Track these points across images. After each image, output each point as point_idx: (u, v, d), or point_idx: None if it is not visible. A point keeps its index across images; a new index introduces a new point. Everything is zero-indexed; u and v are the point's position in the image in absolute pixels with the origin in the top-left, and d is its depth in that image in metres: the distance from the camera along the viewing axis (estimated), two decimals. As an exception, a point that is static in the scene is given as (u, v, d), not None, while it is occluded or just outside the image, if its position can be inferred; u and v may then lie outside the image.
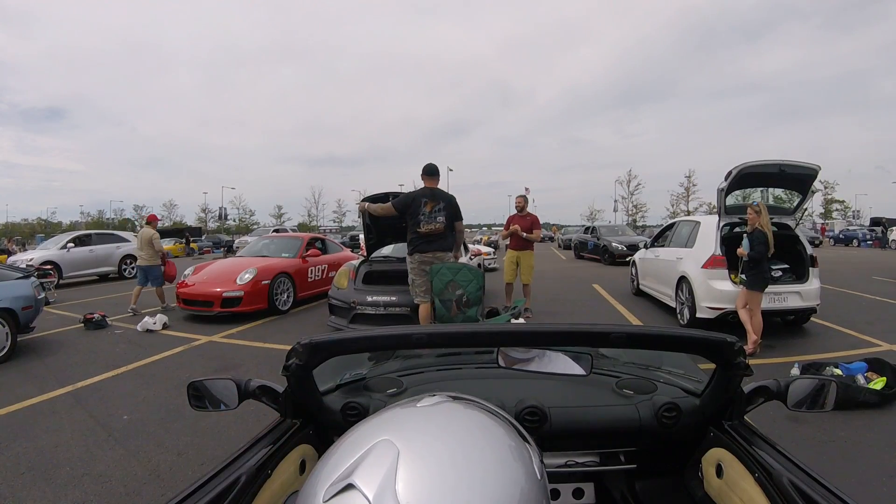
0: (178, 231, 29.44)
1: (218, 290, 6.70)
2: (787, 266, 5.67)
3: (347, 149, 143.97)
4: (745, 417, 1.06)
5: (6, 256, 14.49)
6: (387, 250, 7.00)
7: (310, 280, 8.06)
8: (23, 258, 11.26)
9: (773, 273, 5.27)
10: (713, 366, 1.00)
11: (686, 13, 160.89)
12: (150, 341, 5.59)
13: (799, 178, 5.47)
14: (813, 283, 5.36)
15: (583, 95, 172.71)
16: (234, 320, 6.56)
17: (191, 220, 55.56)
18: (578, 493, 1.15)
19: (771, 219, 4.88)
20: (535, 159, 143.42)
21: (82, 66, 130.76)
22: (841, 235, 30.61)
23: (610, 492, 1.17)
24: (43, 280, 7.26)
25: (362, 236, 7.18)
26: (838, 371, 3.66)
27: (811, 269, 5.43)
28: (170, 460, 2.72)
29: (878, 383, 3.45)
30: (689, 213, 47.07)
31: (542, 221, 7.67)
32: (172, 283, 7.78)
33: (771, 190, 6.38)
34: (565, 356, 0.98)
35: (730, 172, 5.29)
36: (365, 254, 6.71)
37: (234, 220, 57.95)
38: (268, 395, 1.10)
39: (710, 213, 7.49)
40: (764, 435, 0.99)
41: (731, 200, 5.70)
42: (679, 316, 6.04)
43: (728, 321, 5.11)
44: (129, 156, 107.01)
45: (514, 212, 7.04)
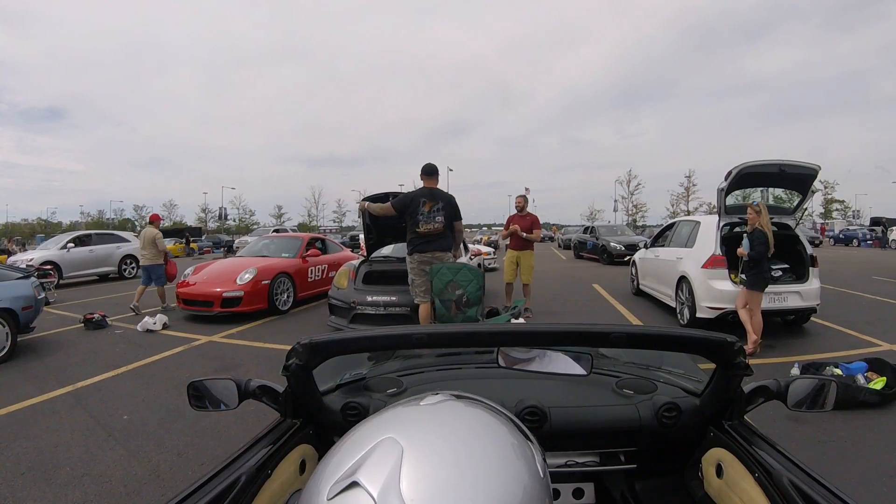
0: (179, 231, 29.47)
1: (218, 290, 6.70)
2: (787, 266, 5.67)
3: (347, 149, 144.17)
4: (745, 417, 1.06)
5: (6, 256, 14.50)
6: (387, 250, 7.00)
7: (310, 280, 8.06)
8: (23, 258, 11.26)
9: (773, 273, 5.27)
10: (713, 366, 1.00)
11: (686, 13, 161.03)
12: (150, 341, 5.59)
13: (799, 178, 5.48)
14: (813, 283, 5.37)
15: (583, 95, 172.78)
16: (234, 320, 6.56)
17: (191, 220, 55.68)
18: (578, 493, 1.14)
19: (771, 219, 4.87)
20: (535, 159, 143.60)
21: (82, 66, 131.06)
22: (841, 235, 30.60)
23: (610, 492, 1.17)
24: (43, 280, 7.26)
25: (362, 236, 7.18)
26: (838, 371, 3.66)
27: (811, 268, 5.43)
28: (170, 460, 2.72)
29: (878, 383, 3.45)
30: (689, 213, 47.08)
31: (542, 221, 7.67)
32: (172, 283, 7.80)
33: (771, 190, 6.37)
34: (565, 356, 0.98)
35: (730, 172, 5.29)
36: (365, 254, 6.71)
37: (234, 220, 58.00)
38: (268, 395, 1.10)
39: (710, 213, 7.49)
40: (764, 435, 0.99)
41: (731, 200, 5.70)
42: (679, 316, 6.04)
43: (728, 321, 5.11)
44: (129, 156, 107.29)
45: (513, 212, 7.05)
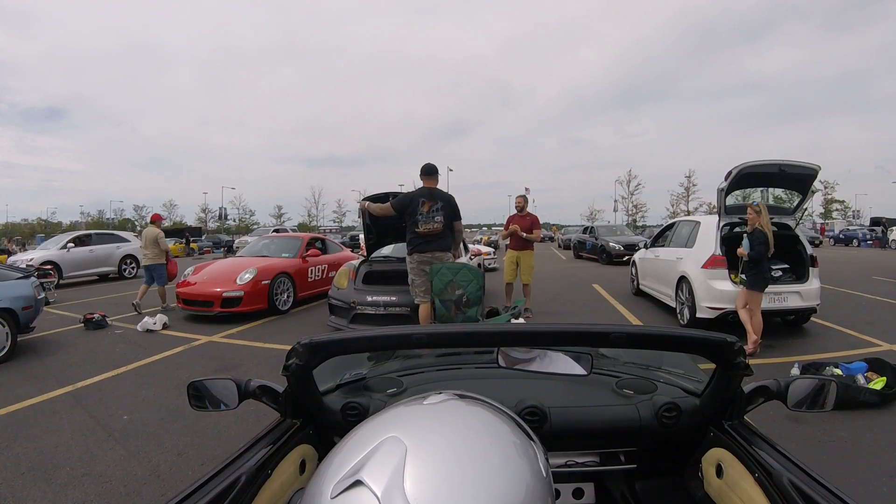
0: (179, 231, 29.47)
1: (218, 290, 6.70)
2: (787, 266, 5.67)
3: (347, 149, 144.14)
4: (745, 417, 1.06)
5: (6, 256, 14.50)
6: (387, 250, 7.00)
7: (310, 280, 8.06)
8: (23, 258, 11.27)
9: (773, 273, 5.27)
10: (713, 366, 1.00)
11: (686, 13, 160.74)
12: (150, 341, 5.59)
13: (799, 178, 5.48)
14: (813, 283, 5.37)
15: (583, 95, 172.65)
16: (234, 320, 6.56)
17: (191, 220, 55.66)
18: (578, 493, 1.14)
19: (771, 219, 4.87)
20: (535, 159, 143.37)
21: (82, 66, 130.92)
22: (841, 235, 30.59)
23: (610, 492, 1.17)
24: (43, 280, 7.27)
25: (362, 236, 7.18)
26: (838, 371, 3.66)
27: (811, 269, 5.43)
28: (170, 460, 2.72)
29: (878, 383, 3.45)
30: (689, 213, 47.09)
31: (542, 221, 7.67)
32: (172, 283, 7.80)
33: (771, 190, 6.38)
34: (565, 356, 0.98)
35: (730, 172, 5.29)
36: (365, 254, 6.71)
37: (234, 220, 57.99)
38: (268, 395, 1.10)
39: (710, 213, 7.49)
40: (764, 435, 0.99)
41: (731, 200, 5.70)
42: (679, 316, 6.04)
43: (728, 321, 5.11)
44: (129, 156, 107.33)
45: (513, 212, 7.05)
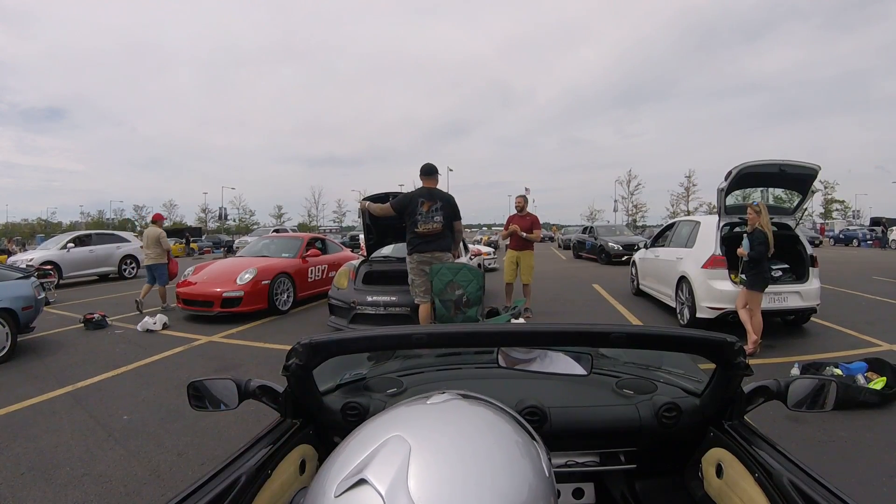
0: (179, 231, 29.48)
1: (218, 290, 6.70)
2: (787, 266, 5.67)
3: (347, 149, 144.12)
4: (745, 417, 1.06)
5: (6, 256, 14.50)
6: (387, 250, 7.00)
7: (310, 280, 8.06)
8: (23, 258, 11.27)
9: (773, 273, 5.27)
10: (713, 366, 1.00)
11: (686, 13, 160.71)
12: (150, 341, 5.59)
13: (799, 178, 5.48)
14: (813, 283, 5.37)
15: (583, 95, 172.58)
16: (234, 320, 6.56)
17: (191, 220, 55.64)
18: (578, 493, 1.14)
19: (771, 219, 4.87)
20: (535, 159, 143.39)
21: (82, 66, 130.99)
22: (841, 235, 30.59)
23: (610, 492, 1.17)
24: (43, 280, 7.27)
25: (362, 236, 7.18)
26: (838, 371, 3.66)
27: (811, 268, 5.43)
28: (170, 460, 2.72)
29: (878, 383, 3.45)
30: (689, 213, 47.08)
31: (542, 221, 7.67)
32: (172, 282, 7.80)
33: (771, 190, 6.38)
34: (565, 356, 0.98)
35: (730, 172, 5.29)
36: (365, 254, 6.71)
37: (234, 220, 57.97)
38: (268, 395, 1.10)
39: (710, 213, 7.49)
40: (764, 435, 0.99)
41: (731, 200, 5.70)
42: (679, 316, 6.04)
43: (728, 321, 5.11)
44: (129, 156, 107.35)
45: (513, 212, 7.05)
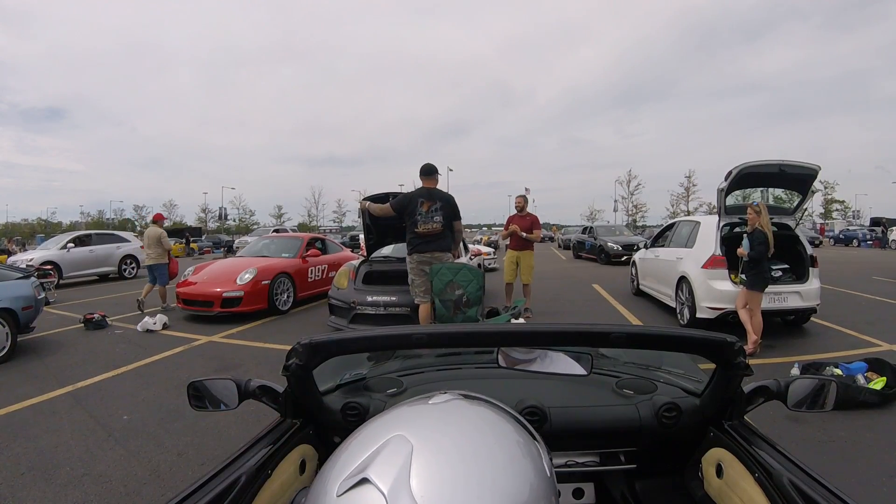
0: (179, 231, 29.47)
1: (218, 290, 6.70)
2: (787, 266, 5.67)
3: (347, 149, 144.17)
4: (745, 417, 1.06)
5: (6, 256, 14.49)
6: (387, 250, 7.00)
7: (310, 280, 8.06)
8: (23, 258, 11.27)
9: (773, 273, 5.27)
10: (713, 366, 1.00)
11: (686, 13, 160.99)
12: (149, 341, 5.59)
13: (799, 178, 5.48)
14: (813, 283, 5.37)
15: (583, 95, 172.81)
16: (234, 320, 6.56)
17: (191, 220, 55.62)
18: (578, 493, 1.14)
19: (771, 219, 4.88)
20: (535, 159, 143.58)
21: (82, 66, 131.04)
22: (841, 235, 30.60)
23: (610, 492, 1.17)
24: (43, 280, 7.27)
25: (362, 236, 7.18)
26: (838, 371, 3.66)
27: (811, 269, 5.43)
28: (170, 460, 2.72)
29: (878, 383, 3.45)
30: (689, 213, 47.08)
31: (542, 221, 7.67)
32: (173, 282, 7.80)
33: (771, 190, 6.38)
34: (565, 356, 0.98)
35: (730, 172, 5.29)
36: (365, 254, 6.71)
37: (234, 220, 57.96)
38: (268, 395, 1.10)
39: (710, 213, 7.49)
40: (764, 435, 0.98)
41: (731, 200, 5.70)
42: (679, 316, 6.04)
43: (728, 321, 5.11)
44: (129, 156, 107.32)
45: (513, 212, 7.05)
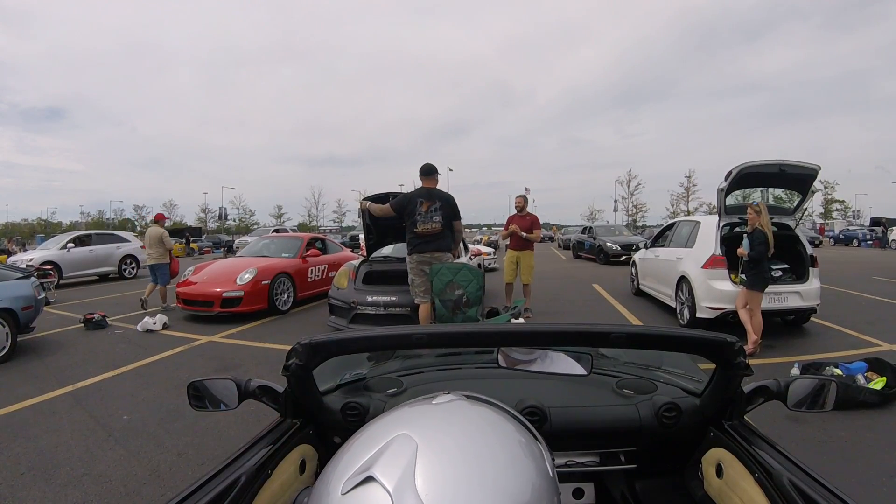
0: (179, 231, 29.46)
1: (218, 290, 6.70)
2: (787, 266, 5.67)
3: (347, 149, 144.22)
4: (745, 417, 1.06)
5: (6, 256, 14.49)
6: (387, 250, 7.00)
7: (310, 280, 8.06)
8: (23, 258, 11.26)
9: (773, 273, 5.27)
10: (713, 366, 1.00)
11: (686, 13, 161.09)
12: (150, 341, 5.59)
13: (799, 178, 5.48)
14: (813, 283, 5.37)
15: (583, 95, 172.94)
16: (234, 320, 6.56)
17: (191, 220, 55.62)
18: (578, 493, 1.14)
19: (771, 219, 4.88)
20: (535, 159, 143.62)
21: (82, 66, 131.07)
22: (841, 235, 30.60)
23: (610, 492, 1.17)
24: (43, 280, 7.27)
25: (362, 236, 7.18)
26: (838, 371, 3.66)
27: (811, 269, 5.43)
28: (170, 460, 2.72)
29: (878, 383, 3.45)
30: (689, 213, 47.08)
31: (542, 221, 7.67)
32: (173, 282, 7.80)
33: (771, 190, 6.38)
34: (565, 356, 0.98)
35: (730, 172, 5.29)
36: (365, 254, 6.71)
37: (234, 220, 57.96)
38: (268, 395, 1.10)
39: (710, 213, 7.49)
40: (764, 435, 0.99)
41: (731, 200, 5.71)
42: (679, 316, 6.04)
43: (728, 321, 5.11)
44: (129, 156, 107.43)
45: (513, 212, 7.05)
